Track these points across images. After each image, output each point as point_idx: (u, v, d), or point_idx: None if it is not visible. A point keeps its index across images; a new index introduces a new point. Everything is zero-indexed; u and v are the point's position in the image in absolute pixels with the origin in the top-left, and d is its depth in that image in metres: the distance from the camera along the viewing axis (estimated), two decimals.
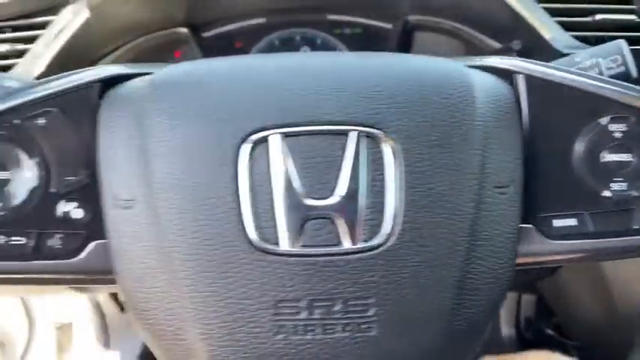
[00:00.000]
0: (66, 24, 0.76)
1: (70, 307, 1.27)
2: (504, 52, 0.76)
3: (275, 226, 0.31)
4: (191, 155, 0.32)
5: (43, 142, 0.36)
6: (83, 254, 0.36)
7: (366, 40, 0.95)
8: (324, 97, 0.32)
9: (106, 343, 1.27)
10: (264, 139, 0.32)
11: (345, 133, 0.32)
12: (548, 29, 0.74)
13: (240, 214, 0.31)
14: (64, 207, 0.35)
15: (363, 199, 0.31)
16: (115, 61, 0.86)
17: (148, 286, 0.33)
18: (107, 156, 0.34)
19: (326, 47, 0.95)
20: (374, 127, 0.32)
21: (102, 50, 0.84)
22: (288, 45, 0.96)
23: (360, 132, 0.32)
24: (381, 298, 0.32)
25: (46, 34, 0.76)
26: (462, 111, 0.34)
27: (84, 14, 0.75)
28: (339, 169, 0.32)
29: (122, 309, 1.21)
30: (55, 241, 0.35)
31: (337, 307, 0.32)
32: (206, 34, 0.92)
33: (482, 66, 0.37)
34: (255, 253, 0.31)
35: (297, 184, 0.31)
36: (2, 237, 0.35)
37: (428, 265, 0.32)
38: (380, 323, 0.32)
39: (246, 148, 0.32)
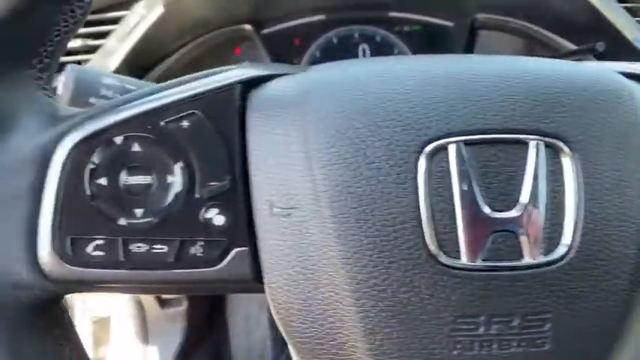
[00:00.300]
0: (139, 19, 0.75)
1: (108, 301, 1.26)
2: (583, 53, 0.75)
3: (456, 239, 0.30)
4: (362, 164, 0.31)
5: (188, 145, 0.34)
6: (224, 262, 0.34)
7: (425, 38, 0.94)
8: (500, 103, 0.31)
9: (145, 339, 1.26)
10: (443, 148, 0.31)
11: (525, 142, 0.31)
12: (630, 30, 0.73)
13: (421, 227, 0.30)
14: (206, 213, 0.34)
15: (543, 212, 0.30)
16: (180, 59, 0.85)
17: (305, 298, 0.32)
18: (260, 162, 0.33)
19: (385, 45, 0.94)
20: (554, 137, 0.31)
21: (170, 47, 0.83)
22: (346, 42, 0.95)
23: (539, 141, 0.31)
24: (557, 312, 0.31)
25: (118, 30, 0.75)
26: (633, 120, 0.33)
27: (158, 10, 0.74)
28: (520, 180, 0.31)
29: (162, 305, 1.20)
30: (196, 249, 0.34)
31: (515, 323, 0.31)
32: (266, 31, 0.91)
33: (632, 74, 0.36)
34: (436, 267, 0.30)
35: (478, 195, 0.30)
36: (144, 245, 0.34)
37: (603, 279, 0.31)
38: (554, 338, 0.31)
39: (424, 157, 0.30)
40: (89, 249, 0.34)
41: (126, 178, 0.35)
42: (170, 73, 0.84)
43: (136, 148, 0.35)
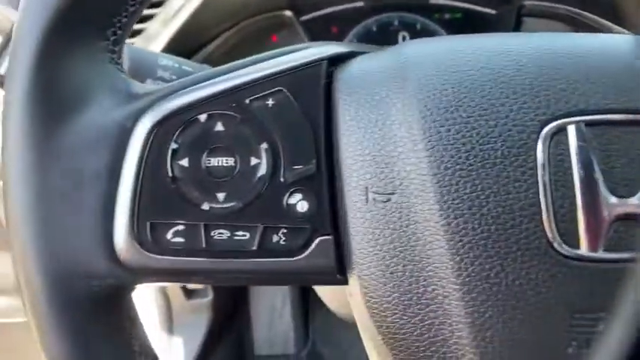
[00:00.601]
0: (183, 3, 0.73)
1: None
2: None
3: (576, 228, 0.28)
4: (476, 145, 0.28)
5: (273, 125, 0.32)
6: (307, 252, 0.32)
7: (466, 26, 0.92)
8: (623, 81, 0.29)
9: (170, 329, 1.24)
10: (562, 129, 0.28)
11: None
12: None
13: (540, 214, 0.28)
14: (290, 199, 0.32)
15: None
16: (220, 46, 0.83)
17: (403, 291, 0.30)
18: (353, 144, 0.31)
19: (425, 33, 0.91)
20: None
21: (210, 33, 0.81)
22: (385, 30, 0.92)
23: None
24: None
25: (162, 14, 0.73)
26: None
27: None
28: None
29: (188, 296, 1.19)
30: (279, 237, 0.32)
31: None
32: (304, 18, 0.89)
33: None
34: (555, 258, 0.27)
35: (599, 180, 0.28)
36: (225, 231, 0.32)
37: None
38: None
39: (542, 139, 0.28)
40: (169, 235, 0.32)
41: (208, 160, 0.33)
42: (210, 60, 0.82)
43: (219, 127, 0.33)
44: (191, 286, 1.17)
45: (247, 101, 0.33)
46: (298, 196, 0.33)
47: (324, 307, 1.38)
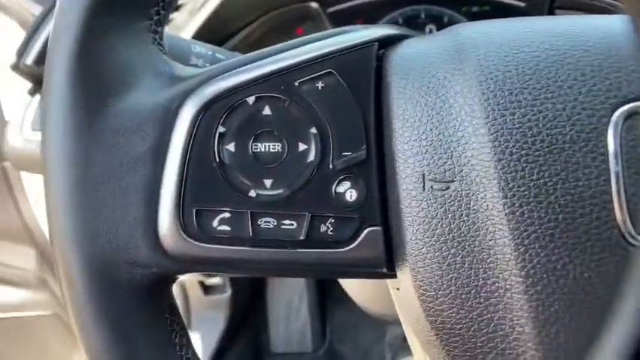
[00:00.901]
0: None
1: None
2: None
3: None
4: (543, 129, 0.27)
5: (322, 109, 0.31)
6: (355, 243, 0.31)
7: (494, 18, 0.89)
8: None
9: (188, 325, 1.24)
10: (634, 112, 0.26)
11: None
12: None
13: (611, 202, 0.26)
14: (338, 187, 0.30)
15: None
16: (246, 37, 0.82)
17: (461, 284, 0.28)
18: (407, 129, 0.29)
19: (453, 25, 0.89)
20: None
21: (237, 24, 0.80)
22: (411, 22, 0.91)
23: None
24: None
25: (190, 4, 0.72)
26: None
27: None
28: None
29: (206, 291, 1.18)
30: (327, 227, 0.31)
31: None
32: (330, 9, 0.88)
33: None
34: (627, 249, 0.26)
35: None
36: (272, 220, 0.30)
37: None
38: None
39: (613, 123, 0.26)
40: (215, 223, 0.31)
41: (255, 145, 0.31)
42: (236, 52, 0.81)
43: (266, 111, 0.31)
44: (209, 281, 1.16)
45: (296, 83, 0.31)
46: (347, 184, 0.31)
47: (341, 305, 1.37)
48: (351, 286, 0.77)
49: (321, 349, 1.41)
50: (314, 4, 0.86)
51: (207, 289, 1.20)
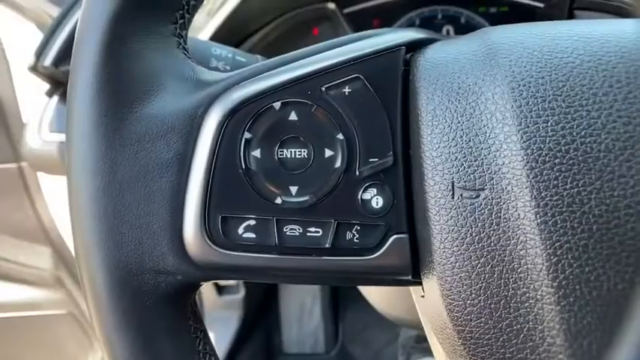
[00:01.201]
0: None
1: None
2: None
3: None
4: (577, 137, 0.26)
5: (349, 115, 0.30)
6: (381, 250, 0.30)
7: (512, 20, 0.89)
8: None
9: None
10: None
11: None
12: None
13: None
14: (364, 194, 0.30)
15: None
16: (263, 38, 0.82)
17: (490, 294, 0.28)
18: (436, 136, 0.29)
19: (470, 26, 0.89)
20: None
21: (253, 26, 0.80)
22: (428, 23, 0.90)
23: None
24: None
25: (208, 5, 0.72)
26: None
27: None
28: None
29: (220, 292, 1.19)
30: (352, 235, 0.30)
31: None
32: (347, 10, 0.87)
33: None
34: None
35: None
36: (297, 227, 0.30)
37: None
38: None
39: None
40: (240, 230, 0.31)
41: (281, 151, 0.31)
42: (253, 53, 0.81)
43: (293, 116, 0.31)
44: (223, 282, 1.16)
45: (323, 89, 0.31)
46: (373, 190, 0.31)
47: (354, 306, 1.37)
48: (369, 289, 0.77)
49: (333, 350, 1.40)
50: (331, 5, 0.86)
51: (220, 290, 1.20)
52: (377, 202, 0.31)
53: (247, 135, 0.31)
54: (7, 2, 0.99)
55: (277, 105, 0.31)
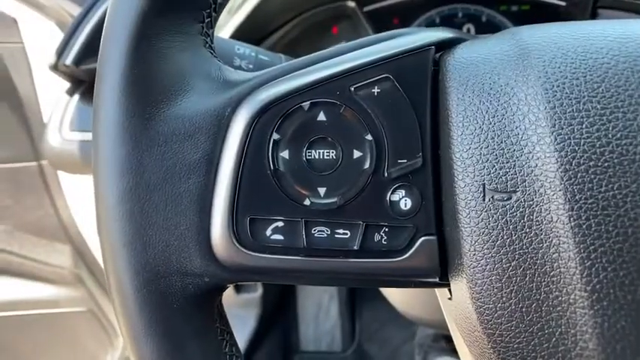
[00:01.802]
0: None
1: None
2: None
3: None
4: (613, 139, 0.26)
5: (378, 115, 0.30)
6: (410, 252, 0.30)
7: (534, 18, 0.88)
8: None
9: None
10: None
11: None
12: None
13: None
14: (392, 195, 0.30)
15: None
16: (283, 37, 0.81)
17: (521, 297, 0.28)
18: (467, 137, 0.28)
19: (491, 25, 0.88)
20: None
21: (274, 24, 0.79)
22: (449, 22, 0.89)
23: None
24: None
25: (229, 3, 0.72)
26: None
27: None
28: None
29: (237, 290, 1.19)
30: (380, 236, 0.30)
31: None
32: (367, 8, 0.87)
33: None
34: None
35: None
36: (326, 229, 0.30)
37: None
38: None
39: None
40: (268, 232, 0.30)
41: (309, 152, 0.31)
42: (272, 51, 0.80)
43: (321, 117, 0.31)
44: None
45: (352, 89, 0.31)
46: (401, 192, 0.31)
47: (370, 305, 1.36)
48: (391, 291, 0.76)
49: (349, 348, 1.40)
50: (351, 3, 0.85)
51: (238, 288, 1.20)
52: (405, 204, 0.31)
53: (276, 136, 0.30)
54: (26, 0, 0.99)
55: (306, 105, 0.30)
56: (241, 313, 1.22)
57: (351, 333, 1.41)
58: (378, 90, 0.31)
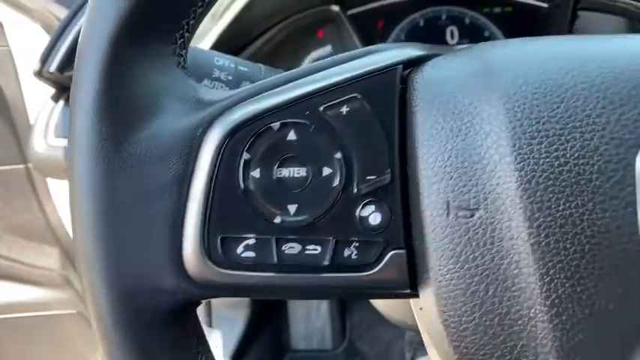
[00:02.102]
0: (230, 1, 0.72)
1: None
2: None
3: None
4: (570, 159, 0.27)
5: (347, 133, 0.31)
6: (379, 266, 0.31)
7: (517, 20, 0.89)
8: None
9: (209, 323, 1.25)
10: None
11: None
12: None
13: (637, 235, 0.26)
14: (362, 211, 0.30)
15: None
16: (266, 43, 0.82)
17: (485, 311, 0.28)
18: (433, 154, 0.29)
19: (475, 27, 0.89)
20: None
21: (257, 30, 0.80)
22: (432, 24, 0.90)
23: None
24: None
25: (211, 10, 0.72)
26: None
27: None
28: None
29: None
30: (351, 251, 0.31)
31: None
32: (351, 12, 0.87)
33: None
34: None
35: None
36: (297, 245, 0.31)
37: None
38: None
39: None
40: (239, 249, 0.31)
41: (279, 171, 0.32)
42: (257, 57, 0.81)
43: (291, 136, 0.31)
44: None
45: (321, 109, 0.31)
46: (371, 207, 0.31)
47: (360, 303, 1.37)
48: None
49: (340, 346, 1.41)
50: (334, 7, 0.86)
51: None
52: (375, 219, 0.31)
53: (246, 156, 0.31)
54: (12, 3, 0.99)
55: (276, 126, 0.31)
56: (231, 314, 1.23)
57: (341, 331, 1.42)
58: (347, 109, 0.31)
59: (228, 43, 0.74)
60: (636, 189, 0.27)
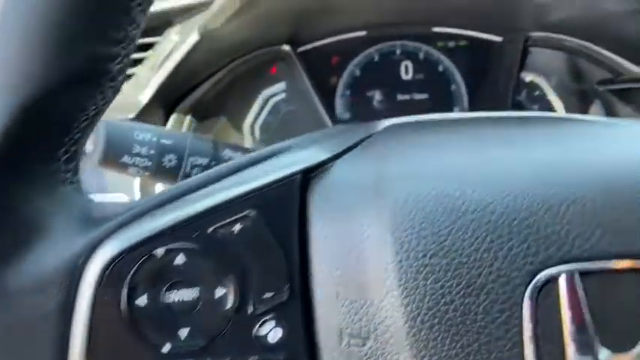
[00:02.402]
0: (173, 47, 0.70)
1: None
2: None
3: None
4: (453, 299, 0.26)
5: (239, 253, 0.30)
6: None
7: (471, 54, 0.88)
8: (615, 221, 0.26)
9: None
10: (552, 279, 0.25)
11: None
12: None
13: None
14: (260, 329, 0.29)
15: None
16: (214, 86, 0.80)
17: None
18: (326, 276, 0.28)
19: (429, 62, 0.88)
20: None
21: (203, 74, 0.78)
22: (387, 59, 0.89)
23: None
24: None
25: (151, 58, 0.71)
26: None
27: (193, 37, 0.69)
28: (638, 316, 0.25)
29: None
30: None
31: None
32: (302, 49, 0.86)
33: None
34: None
35: (592, 333, 0.25)
36: None
37: None
38: None
39: (530, 291, 0.25)
40: None
41: (168, 295, 0.30)
42: (203, 102, 0.79)
43: (179, 260, 0.30)
44: None
45: (210, 230, 0.30)
46: (270, 324, 0.30)
47: None
48: None
49: None
50: (285, 47, 0.85)
51: None
52: (274, 337, 0.30)
53: (129, 284, 0.30)
54: None
55: (160, 252, 0.30)
56: None
57: None
58: (240, 227, 0.30)
59: (171, 89, 0.72)
60: (523, 327, 0.26)
